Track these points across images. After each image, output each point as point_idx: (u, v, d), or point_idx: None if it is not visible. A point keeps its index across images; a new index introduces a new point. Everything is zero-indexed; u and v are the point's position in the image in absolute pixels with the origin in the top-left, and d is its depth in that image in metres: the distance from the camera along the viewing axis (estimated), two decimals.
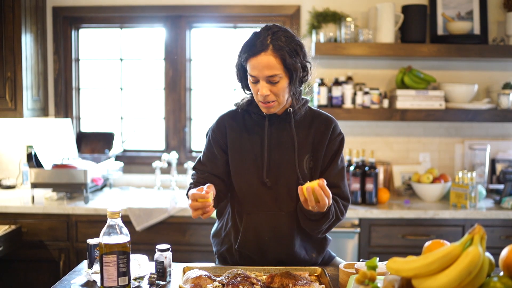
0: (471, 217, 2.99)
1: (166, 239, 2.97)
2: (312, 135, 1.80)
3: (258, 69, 1.64)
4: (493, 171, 3.50)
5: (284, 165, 1.77)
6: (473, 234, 1.06)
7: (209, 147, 1.86)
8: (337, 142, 1.81)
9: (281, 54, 1.62)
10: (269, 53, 1.62)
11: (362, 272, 1.17)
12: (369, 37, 3.27)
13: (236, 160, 1.80)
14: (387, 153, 3.58)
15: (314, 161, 1.79)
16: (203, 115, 3.76)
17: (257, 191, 1.78)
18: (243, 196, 1.80)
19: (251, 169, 1.78)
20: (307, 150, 1.79)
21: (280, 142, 1.78)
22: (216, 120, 1.89)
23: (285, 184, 1.77)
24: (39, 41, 3.46)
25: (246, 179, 1.78)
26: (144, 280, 1.67)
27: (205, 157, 1.86)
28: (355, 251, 3.02)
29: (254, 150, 1.79)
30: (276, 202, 1.77)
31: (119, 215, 1.51)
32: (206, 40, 3.73)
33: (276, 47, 1.62)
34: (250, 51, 1.65)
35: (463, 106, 3.28)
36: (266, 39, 1.64)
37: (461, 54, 3.23)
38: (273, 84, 1.65)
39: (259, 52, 1.63)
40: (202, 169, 1.84)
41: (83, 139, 3.67)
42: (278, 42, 1.63)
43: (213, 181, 1.79)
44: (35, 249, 3.02)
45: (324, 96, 3.31)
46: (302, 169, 1.77)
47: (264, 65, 1.62)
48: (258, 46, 1.63)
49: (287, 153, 1.77)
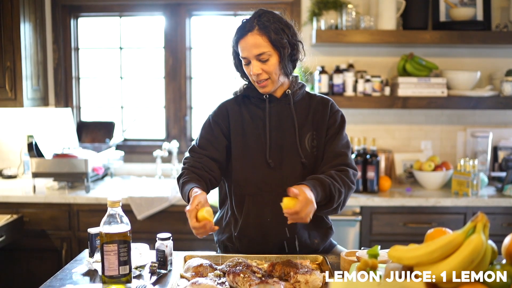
0: (472, 205, 2.98)
1: (167, 227, 2.97)
2: (312, 115, 1.84)
3: (247, 50, 1.72)
4: (495, 159, 3.48)
5: (286, 145, 1.81)
6: (476, 222, 1.05)
7: (209, 130, 1.86)
8: (337, 117, 1.85)
9: (267, 32, 1.70)
10: (255, 32, 1.70)
11: (363, 261, 1.17)
12: (370, 24, 3.24)
13: (239, 143, 1.82)
14: (389, 141, 3.56)
15: (317, 139, 1.82)
16: (203, 103, 3.75)
17: (260, 172, 1.80)
18: (246, 178, 1.81)
19: (253, 150, 1.81)
20: (307, 129, 1.82)
21: (281, 123, 1.83)
22: (217, 106, 1.91)
23: (288, 164, 1.80)
24: (38, 30, 3.43)
25: (249, 161, 1.81)
26: (145, 269, 1.67)
27: (204, 140, 1.85)
28: (356, 239, 3.02)
29: (255, 132, 1.82)
30: (279, 183, 1.78)
31: (119, 204, 1.51)
32: (206, 28, 3.70)
33: (261, 26, 1.70)
34: (238, 34, 1.74)
35: (465, 93, 3.26)
36: (253, 21, 1.72)
37: (464, 41, 3.20)
38: (263, 63, 1.72)
39: (246, 33, 1.71)
40: (200, 153, 1.82)
41: (84, 129, 3.67)
42: (263, 21, 1.71)
43: (209, 166, 1.79)
44: (37, 238, 3.03)
45: (325, 84, 3.29)
46: (304, 148, 1.81)
47: (251, 45, 1.70)
48: (244, 27, 1.73)
49: (288, 133, 1.81)
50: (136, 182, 3.42)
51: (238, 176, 1.82)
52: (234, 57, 1.83)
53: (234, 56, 1.83)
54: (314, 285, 1.47)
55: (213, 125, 1.85)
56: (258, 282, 1.46)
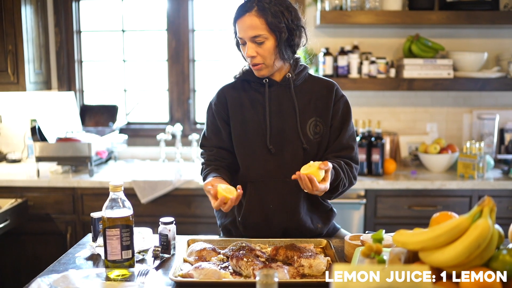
0: (478, 188, 2.96)
1: (171, 211, 2.97)
2: (315, 99, 1.80)
3: (243, 30, 1.68)
4: (501, 141, 3.45)
5: (287, 131, 1.77)
6: (483, 206, 1.03)
7: (213, 120, 1.86)
8: (342, 103, 1.82)
9: (264, 14, 1.65)
10: (253, 13, 1.66)
11: (368, 245, 1.15)
12: (375, 4, 3.19)
13: (239, 130, 1.80)
14: (394, 124, 3.53)
15: (322, 126, 1.78)
16: (207, 86, 3.72)
17: (261, 158, 1.77)
18: (247, 165, 1.79)
19: (254, 137, 1.78)
20: (310, 114, 1.78)
21: (281, 109, 1.79)
22: (216, 92, 1.88)
23: (290, 150, 1.77)
24: (39, 13, 3.39)
25: (249, 147, 1.78)
26: (148, 253, 1.67)
27: (209, 131, 1.87)
28: (361, 222, 3.02)
29: (255, 118, 1.79)
30: (280, 169, 1.76)
31: (121, 189, 1.49)
32: (209, 10, 3.65)
33: (260, 8, 1.66)
34: (236, 13, 1.70)
35: (472, 75, 3.21)
36: (253, 1, 1.68)
37: (471, 21, 3.14)
38: (258, 45, 1.68)
39: (244, 13, 1.67)
40: (209, 145, 1.86)
41: (87, 112, 3.65)
42: (263, 3, 1.66)
43: (222, 155, 1.82)
44: (41, 222, 3.04)
45: (329, 66, 3.25)
46: (306, 134, 1.77)
47: (248, 26, 1.67)
48: (243, 7, 1.69)
49: (289, 119, 1.78)
50: (140, 166, 3.42)
51: (240, 162, 1.81)
52: (235, 36, 1.78)
53: (235, 36, 1.77)
54: (318, 269, 1.46)
55: (215, 113, 1.85)
56: (261, 266, 1.45)
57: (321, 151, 1.80)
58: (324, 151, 1.81)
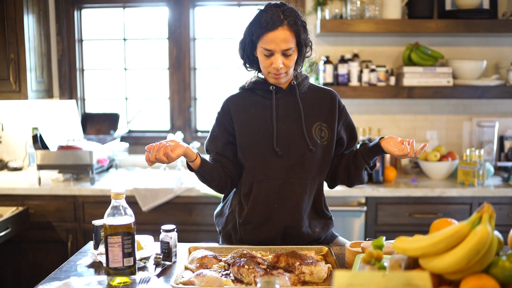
0: (478, 195, 2.96)
1: (172, 219, 2.98)
2: (319, 106, 1.89)
3: (275, 43, 1.74)
4: (501, 149, 3.46)
5: (293, 134, 1.84)
6: (482, 213, 1.04)
7: (215, 127, 1.93)
8: (346, 114, 1.95)
9: (296, 29, 1.76)
10: (286, 28, 1.74)
11: (368, 252, 1.16)
12: (375, 13, 3.21)
13: (245, 134, 1.85)
14: (394, 131, 3.54)
15: (329, 131, 1.87)
16: (208, 94, 3.73)
17: (268, 160, 1.83)
18: (254, 166, 1.84)
19: (261, 139, 1.84)
20: (315, 119, 1.87)
21: (287, 113, 1.86)
22: (223, 102, 1.94)
23: (296, 152, 1.83)
24: (41, 22, 3.42)
25: (256, 149, 1.84)
26: (149, 260, 1.67)
27: (210, 136, 1.95)
28: (361, 229, 3.02)
29: (262, 121, 1.85)
30: (286, 170, 1.82)
31: (123, 196, 1.50)
32: (210, 19, 3.68)
33: (290, 23, 1.75)
34: (266, 27, 1.74)
35: (471, 82, 3.23)
36: (279, 15, 1.74)
37: (470, 30, 3.16)
38: (286, 57, 1.78)
39: (277, 27, 1.73)
40: (210, 149, 1.93)
41: (88, 120, 3.66)
42: (291, 18, 1.75)
43: (220, 160, 1.88)
44: (43, 230, 3.04)
45: (330, 74, 3.27)
46: (312, 137, 1.84)
47: (281, 39, 1.74)
48: (274, 21, 1.74)
49: (295, 123, 1.85)
50: (141, 174, 3.43)
51: (246, 165, 1.86)
52: (245, 45, 1.82)
53: (245, 44, 1.82)
54: (318, 276, 1.46)
55: (218, 121, 1.92)
56: (262, 273, 1.46)
57: (327, 155, 1.87)
58: (330, 156, 1.88)
